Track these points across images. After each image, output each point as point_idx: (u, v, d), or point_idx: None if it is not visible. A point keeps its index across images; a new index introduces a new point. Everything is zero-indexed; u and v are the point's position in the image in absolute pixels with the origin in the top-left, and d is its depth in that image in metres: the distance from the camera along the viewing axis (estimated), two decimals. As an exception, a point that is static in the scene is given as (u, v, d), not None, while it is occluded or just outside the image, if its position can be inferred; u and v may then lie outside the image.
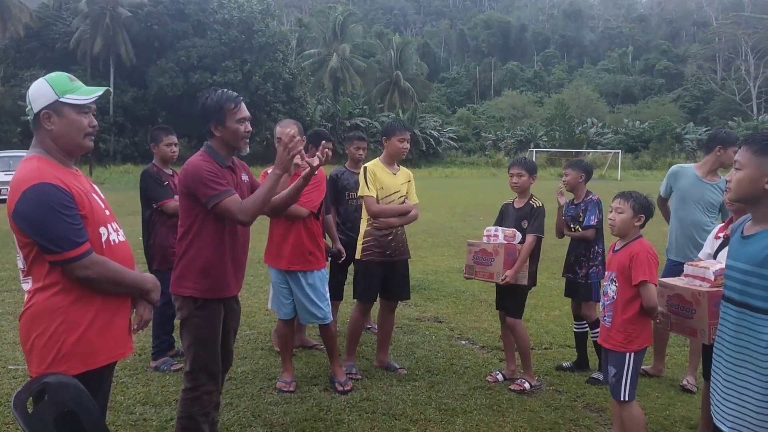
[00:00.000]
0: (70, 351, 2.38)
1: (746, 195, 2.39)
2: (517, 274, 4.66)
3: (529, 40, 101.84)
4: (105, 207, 2.61)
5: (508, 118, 68.72)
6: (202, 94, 3.42)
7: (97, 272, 2.40)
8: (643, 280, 3.45)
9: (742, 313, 2.37)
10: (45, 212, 2.31)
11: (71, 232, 2.34)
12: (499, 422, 4.14)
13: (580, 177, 5.12)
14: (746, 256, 2.36)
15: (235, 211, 3.17)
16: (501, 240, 4.72)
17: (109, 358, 2.52)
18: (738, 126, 56.33)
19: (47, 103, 2.47)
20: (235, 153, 3.42)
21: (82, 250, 2.36)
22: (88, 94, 2.53)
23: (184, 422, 3.34)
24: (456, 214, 17.76)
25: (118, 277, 2.49)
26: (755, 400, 2.30)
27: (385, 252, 4.93)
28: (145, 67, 44.36)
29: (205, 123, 3.32)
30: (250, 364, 5.15)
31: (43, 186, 2.33)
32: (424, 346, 5.73)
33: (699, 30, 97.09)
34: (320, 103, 54.14)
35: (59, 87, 2.49)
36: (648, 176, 41.18)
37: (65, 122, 2.48)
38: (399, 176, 5.04)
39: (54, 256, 2.34)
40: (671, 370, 5.24)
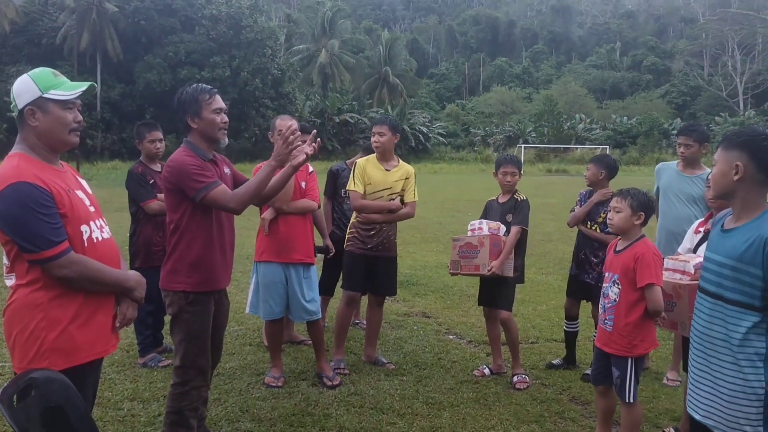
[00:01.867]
0: (50, 347, 2.39)
1: (720, 189, 2.46)
2: (503, 265, 4.68)
3: (518, 36, 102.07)
4: (91, 203, 2.61)
5: (496, 113, 68.86)
6: (177, 91, 3.44)
7: (75, 271, 2.39)
8: (650, 283, 3.37)
9: (715, 304, 2.43)
10: (22, 211, 2.31)
11: (48, 231, 2.34)
12: (485, 415, 4.18)
13: (600, 173, 5.01)
14: (725, 250, 2.41)
15: (226, 200, 3.20)
16: (485, 232, 4.74)
17: (91, 354, 2.51)
18: (725, 122, 56.82)
19: (31, 99, 2.46)
20: (215, 145, 3.43)
21: (59, 249, 2.35)
22: (72, 90, 2.52)
23: (172, 417, 3.35)
24: (445, 210, 17.81)
25: (98, 276, 2.48)
26: (726, 389, 2.37)
27: (366, 245, 4.95)
28: (133, 63, 44.06)
29: (181, 117, 3.34)
30: (238, 360, 5.16)
31: (20, 185, 2.32)
32: (412, 341, 5.76)
33: (686, 26, 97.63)
34: (309, 98, 54.02)
35: (43, 82, 2.48)
36: (636, 171, 41.39)
37: (50, 118, 2.47)
38: (394, 173, 4.99)
39: (31, 255, 2.34)
40: (656, 363, 5.31)
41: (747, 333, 2.32)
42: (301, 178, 4.61)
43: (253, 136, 43.64)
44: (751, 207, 2.38)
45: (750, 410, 2.32)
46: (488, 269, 4.65)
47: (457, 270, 4.90)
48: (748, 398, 2.32)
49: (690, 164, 4.95)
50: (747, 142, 2.35)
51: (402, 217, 5.05)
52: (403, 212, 5.02)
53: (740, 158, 2.35)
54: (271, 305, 4.60)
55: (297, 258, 4.59)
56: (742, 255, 2.32)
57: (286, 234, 4.55)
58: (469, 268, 4.81)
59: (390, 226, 5.04)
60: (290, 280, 4.60)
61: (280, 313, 4.64)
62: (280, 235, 4.55)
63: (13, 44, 44.01)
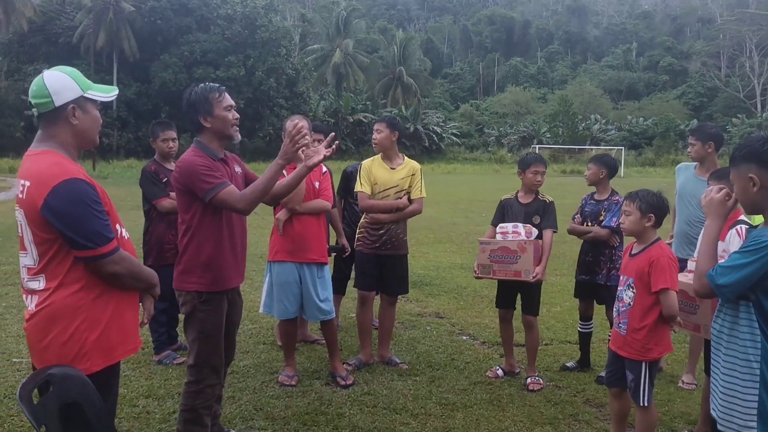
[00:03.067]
0: (91, 348, 2.40)
1: (749, 205, 2.44)
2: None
3: (533, 36, 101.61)
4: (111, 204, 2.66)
5: (511, 114, 68.64)
6: (184, 91, 3.46)
7: (124, 268, 2.44)
8: (665, 288, 3.33)
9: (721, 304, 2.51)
10: (78, 208, 2.31)
11: (103, 227, 2.37)
12: (499, 417, 4.17)
13: (601, 173, 5.00)
14: None
15: (234, 201, 3.21)
16: (523, 237, 4.65)
17: (125, 352, 2.56)
18: (742, 123, 56.30)
19: (74, 97, 2.45)
20: (227, 142, 3.45)
21: (113, 245, 2.40)
22: (106, 92, 2.57)
23: (186, 415, 3.37)
24: (458, 210, 17.78)
25: (139, 271, 2.54)
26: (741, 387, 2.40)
27: (374, 244, 4.97)
28: (149, 62, 44.38)
29: (193, 117, 3.36)
30: (252, 358, 5.18)
31: (75, 182, 2.33)
32: (425, 342, 5.76)
33: (703, 27, 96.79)
34: (323, 98, 54.14)
35: (82, 82, 2.50)
36: (651, 173, 41.12)
37: (88, 118, 2.51)
38: (399, 171, 5.00)
39: (86, 252, 2.34)
40: (671, 366, 5.27)
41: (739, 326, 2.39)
42: (314, 178, 4.62)
43: (267, 135, 43.81)
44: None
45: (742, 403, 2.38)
46: (533, 276, 4.55)
47: (488, 274, 4.74)
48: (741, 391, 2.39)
49: (705, 166, 4.85)
50: (752, 153, 2.36)
51: (409, 214, 5.03)
52: (410, 210, 5.01)
53: (751, 170, 2.35)
54: (285, 305, 4.61)
55: (311, 258, 4.60)
56: None
57: (300, 234, 4.56)
58: (506, 273, 4.64)
59: (398, 224, 5.02)
60: (304, 279, 4.60)
61: (294, 313, 4.65)
62: (294, 234, 4.55)
63: (30, 43, 44.50)
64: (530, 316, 4.83)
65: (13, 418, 3.95)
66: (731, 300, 2.39)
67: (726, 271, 2.27)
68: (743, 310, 2.38)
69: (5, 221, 13.74)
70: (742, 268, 2.22)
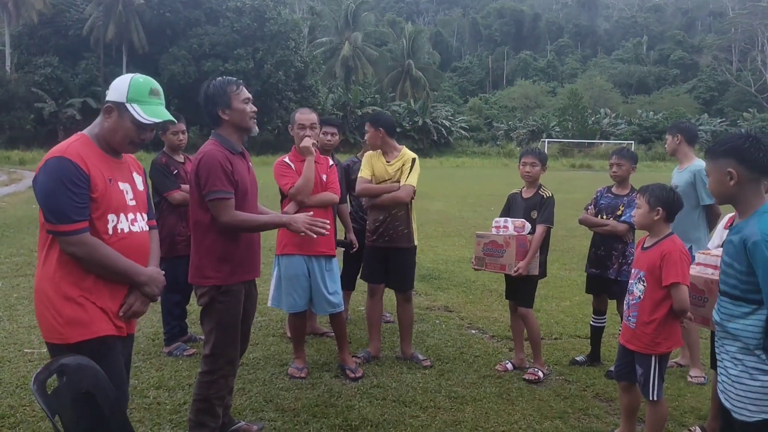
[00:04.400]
0: (67, 321, 2.49)
1: (721, 197, 2.60)
2: (529, 265, 4.67)
3: (543, 29, 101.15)
4: (133, 197, 2.71)
5: (520, 108, 68.43)
6: (201, 84, 3.49)
7: (83, 252, 2.49)
8: (676, 282, 3.31)
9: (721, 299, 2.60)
10: (53, 184, 2.45)
11: (69, 208, 2.45)
12: (508, 410, 4.17)
13: (632, 168, 4.97)
14: (727, 250, 2.55)
15: (223, 213, 3.27)
16: (511, 231, 4.71)
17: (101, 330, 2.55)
18: (753, 117, 55.95)
19: (115, 99, 2.63)
20: (245, 135, 3.47)
21: (73, 227, 2.46)
22: (152, 116, 2.65)
23: (199, 405, 3.39)
24: (467, 204, 17.76)
25: (107, 262, 2.54)
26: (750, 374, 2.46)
27: (372, 237, 4.99)
28: (158, 55, 44.50)
29: (211, 110, 3.37)
30: (261, 351, 5.20)
31: (61, 159, 2.48)
32: (435, 335, 5.76)
33: (715, 20, 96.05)
34: (332, 91, 54.14)
35: (134, 92, 2.63)
36: (661, 167, 40.87)
37: (117, 123, 2.62)
38: (394, 164, 4.97)
39: (49, 225, 2.48)
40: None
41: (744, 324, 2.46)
42: (321, 171, 4.62)
43: (275, 128, 43.88)
44: (751, 205, 2.51)
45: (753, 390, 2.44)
46: (515, 270, 4.64)
47: (482, 266, 4.92)
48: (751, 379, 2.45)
49: (679, 158, 5.15)
50: (731, 148, 2.50)
51: (390, 198, 4.88)
52: (392, 194, 4.87)
53: (729, 164, 2.49)
54: (295, 298, 4.61)
55: (320, 250, 4.60)
56: (736, 254, 2.47)
57: None
58: (494, 267, 4.82)
59: (394, 216, 4.93)
60: (313, 272, 4.61)
61: (303, 306, 4.65)
62: None
63: (40, 35, 44.70)
64: (523, 307, 4.85)
65: (25, 408, 3.98)
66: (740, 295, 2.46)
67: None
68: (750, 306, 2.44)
69: (16, 213, 13.84)
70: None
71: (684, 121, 5.40)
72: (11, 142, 39.25)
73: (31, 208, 14.65)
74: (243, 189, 3.37)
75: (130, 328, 2.74)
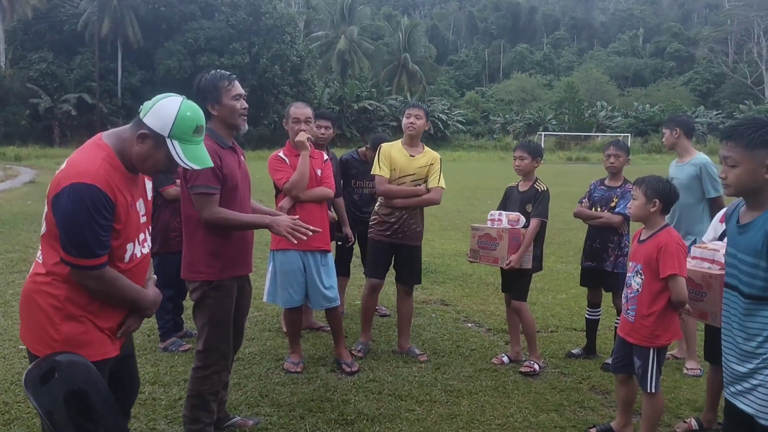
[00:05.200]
0: (63, 339, 2.37)
1: (748, 189, 2.40)
2: (521, 259, 4.67)
3: (539, 22, 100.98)
4: (144, 213, 2.60)
5: (516, 101, 68.33)
6: (196, 77, 3.45)
7: (98, 286, 2.38)
8: (673, 274, 3.31)
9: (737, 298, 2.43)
10: (81, 215, 2.27)
11: (95, 242, 2.30)
12: (504, 403, 4.17)
13: (627, 161, 4.99)
14: (744, 246, 2.39)
15: (204, 209, 3.25)
16: (505, 224, 4.71)
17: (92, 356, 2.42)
18: (749, 110, 55.97)
19: (156, 129, 2.44)
20: (235, 131, 3.45)
21: (95, 262, 2.33)
22: (192, 161, 2.51)
23: (193, 400, 3.39)
24: (463, 198, 17.75)
25: (118, 293, 2.45)
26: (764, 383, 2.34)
27: (386, 232, 4.94)
28: (153, 50, 44.33)
29: (201, 104, 3.34)
30: (257, 345, 5.20)
31: (90, 188, 2.28)
32: (431, 329, 5.76)
33: (711, 12, 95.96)
34: (328, 85, 54.01)
35: (179, 129, 2.46)
36: (657, 160, 40.89)
37: (151, 152, 2.45)
38: (419, 159, 4.96)
39: (68, 258, 2.32)
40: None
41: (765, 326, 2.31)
42: (316, 166, 4.61)
43: (272, 123, 43.76)
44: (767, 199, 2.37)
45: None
46: (507, 263, 4.65)
47: (476, 259, 4.92)
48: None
49: (679, 152, 5.11)
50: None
51: (425, 202, 5.00)
52: (426, 198, 4.96)
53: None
54: (290, 293, 4.60)
55: (315, 245, 4.58)
56: (760, 249, 2.30)
57: (304, 221, 4.53)
58: (488, 259, 4.82)
59: (411, 214, 4.97)
60: (308, 267, 4.60)
61: (299, 301, 4.64)
62: None
63: (35, 31, 44.48)
64: (516, 300, 4.85)
65: (19, 404, 3.97)
66: None
67: None
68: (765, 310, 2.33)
69: (12, 209, 13.80)
70: None
71: (680, 114, 5.38)
72: (6, 138, 39.11)
73: (26, 204, 14.60)
74: (232, 184, 3.35)
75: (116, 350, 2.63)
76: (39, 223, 2.74)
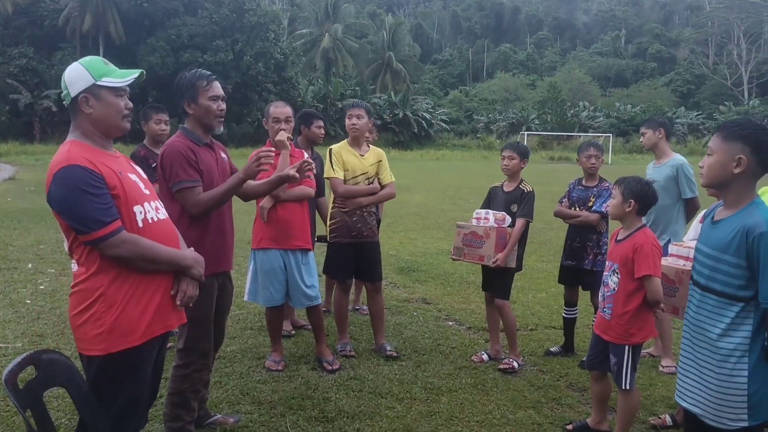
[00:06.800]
0: (109, 329, 2.39)
1: (717, 179, 2.47)
2: (508, 258, 4.72)
3: (522, 22, 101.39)
4: (145, 186, 2.63)
5: (500, 100, 68.59)
6: (178, 74, 3.47)
7: (128, 250, 2.40)
8: (648, 274, 3.39)
9: (704, 296, 2.49)
10: (72, 193, 2.33)
11: (98, 212, 2.35)
12: (483, 401, 4.22)
13: (601, 161, 5.10)
14: (713, 241, 2.47)
15: (191, 203, 3.26)
16: (492, 223, 4.76)
17: (148, 335, 2.49)
18: (729, 110, 56.63)
19: (85, 86, 2.48)
20: (210, 132, 3.46)
21: (110, 228, 2.36)
22: (124, 77, 2.54)
23: (174, 398, 3.40)
24: (447, 197, 17.82)
25: (151, 254, 2.48)
26: (712, 381, 2.42)
27: (351, 233, 4.95)
28: (135, 46, 43.96)
29: (178, 102, 3.37)
30: (238, 344, 5.21)
31: (70, 168, 2.35)
32: (412, 327, 5.80)
33: (692, 14, 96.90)
34: (312, 83, 53.85)
35: (95, 70, 2.50)
36: (639, 160, 41.27)
37: (103, 105, 2.50)
38: (368, 157, 5.02)
39: (84, 237, 2.36)
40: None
41: (731, 324, 2.38)
42: None
43: (255, 120, 43.58)
44: (742, 198, 2.43)
45: (734, 401, 2.38)
46: (493, 261, 4.69)
47: (460, 257, 4.95)
48: (733, 391, 2.38)
49: (657, 153, 5.18)
50: (751, 135, 2.37)
51: (385, 197, 5.11)
52: (384, 192, 5.06)
53: (743, 151, 2.36)
54: (271, 292, 4.62)
55: (296, 244, 4.61)
56: (728, 245, 2.38)
57: (285, 220, 4.57)
58: (473, 257, 4.85)
59: (369, 211, 5.01)
60: (289, 266, 4.62)
61: (280, 300, 4.66)
62: (279, 221, 4.56)
63: (15, 26, 43.86)
64: (499, 299, 4.90)
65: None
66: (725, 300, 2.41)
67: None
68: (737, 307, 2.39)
69: (1, 207, 13.64)
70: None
71: (660, 116, 5.47)
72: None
73: (6, 201, 14.45)
74: (208, 180, 3.36)
75: (181, 318, 2.70)
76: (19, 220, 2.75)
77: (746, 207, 2.40)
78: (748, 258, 2.31)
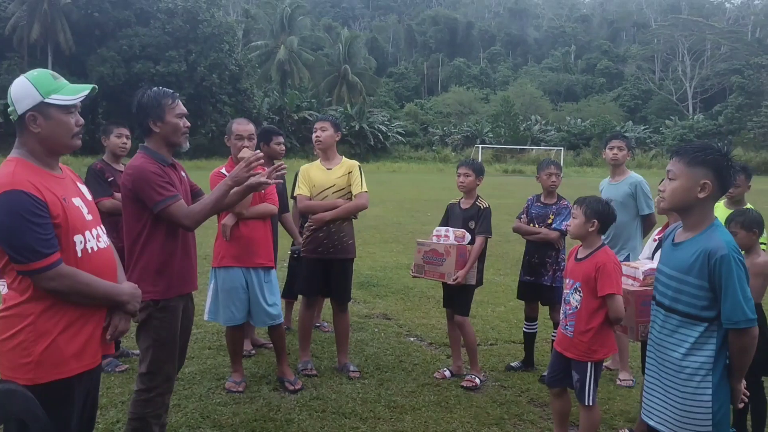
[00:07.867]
0: (37, 359, 2.29)
1: (680, 204, 2.52)
2: (467, 275, 4.76)
3: (476, 37, 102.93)
4: (89, 211, 2.52)
5: (454, 113, 69.30)
6: (136, 92, 3.39)
7: (64, 285, 2.30)
8: (611, 293, 3.45)
9: (668, 316, 2.56)
10: (13, 221, 2.22)
11: (38, 242, 2.24)
12: (447, 418, 4.23)
13: (560, 179, 5.20)
14: (675, 263, 2.53)
15: (182, 217, 3.18)
16: (452, 241, 4.79)
17: (79, 368, 2.40)
18: (675, 125, 58.55)
19: (32, 104, 2.35)
20: (175, 149, 3.40)
21: (48, 261, 2.26)
22: (74, 94, 2.42)
23: (135, 424, 3.29)
24: (404, 210, 17.89)
25: (87, 290, 2.39)
26: (677, 400, 2.49)
27: (317, 249, 4.91)
28: (85, 56, 43.00)
29: (142, 120, 3.29)
30: (197, 364, 5.10)
31: (13, 194, 2.23)
32: (374, 344, 5.79)
33: (639, 31, 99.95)
34: (267, 95, 53.53)
35: (43, 87, 2.37)
36: (588, 173, 42.24)
37: (52, 124, 2.38)
38: (336, 170, 4.99)
39: (20, 266, 2.25)
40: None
41: (695, 344, 2.45)
42: None
43: (209, 132, 43.05)
44: (702, 221, 2.50)
45: (699, 419, 2.45)
46: (454, 279, 4.72)
47: (421, 274, 4.97)
48: (697, 409, 2.45)
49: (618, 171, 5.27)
50: (714, 162, 2.42)
51: (353, 208, 4.98)
52: (353, 205, 4.96)
53: (707, 176, 2.41)
54: (233, 311, 4.55)
55: (258, 262, 4.56)
56: (690, 267, 2.44)
57: (248, 238, 4.52)
58: (433, 275, 4.88)
59: (339, 227, 4.95)
60: (251, 284, 4.56)
61: (241, 319, 4.60)
62: (242, 239, 4.50)
63: (-42, 34, 42.42)
64: (459, 315, 4.93)
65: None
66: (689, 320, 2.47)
67: None
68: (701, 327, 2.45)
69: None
70: None
71: (618, 132, 5.60)
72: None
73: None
74: None
75: (109, 349, 2.62)
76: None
77: (706, 230, 2.47)
78: (710, 280, 2.38)
